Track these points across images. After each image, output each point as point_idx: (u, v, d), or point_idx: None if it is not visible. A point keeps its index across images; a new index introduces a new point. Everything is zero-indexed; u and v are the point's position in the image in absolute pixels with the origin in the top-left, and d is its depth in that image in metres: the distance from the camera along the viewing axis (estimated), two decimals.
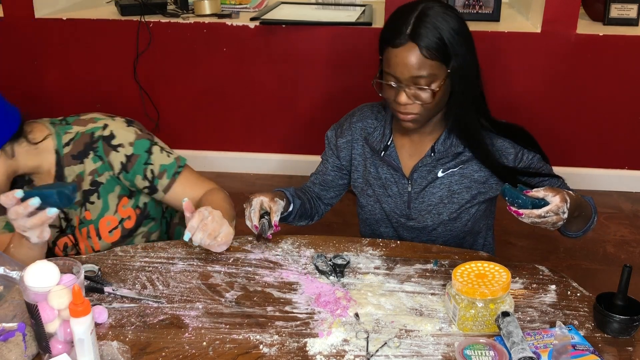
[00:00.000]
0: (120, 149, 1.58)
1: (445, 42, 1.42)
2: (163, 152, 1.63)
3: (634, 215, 3.21)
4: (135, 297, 1.36)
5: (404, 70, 1.43)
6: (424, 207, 1.62)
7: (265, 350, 1.22)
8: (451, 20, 1.45)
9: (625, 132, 3.34)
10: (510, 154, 1.56)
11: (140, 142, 1.60)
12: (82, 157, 1.58)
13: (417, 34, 1.41)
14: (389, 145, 1.64)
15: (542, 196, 1.32)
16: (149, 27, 3.30)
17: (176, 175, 1.63)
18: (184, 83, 3.44)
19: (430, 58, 1.41)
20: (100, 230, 1.63)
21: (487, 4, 3.29)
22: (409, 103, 1.47)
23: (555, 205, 1.31)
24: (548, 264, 1.65)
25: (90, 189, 1.60)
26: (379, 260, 1.50)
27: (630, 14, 3.26)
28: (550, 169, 1.61)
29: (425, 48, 1.41)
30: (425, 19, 1.43)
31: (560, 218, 1.32)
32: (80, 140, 1.58)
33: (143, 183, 1.61)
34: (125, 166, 1.59)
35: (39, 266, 1.15)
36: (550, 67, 3.21)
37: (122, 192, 1.64)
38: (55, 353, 1.16)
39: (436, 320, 1.30)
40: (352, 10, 3.44)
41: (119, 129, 1.60)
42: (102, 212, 1.62)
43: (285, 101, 3.45)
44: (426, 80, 1.43)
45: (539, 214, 1.31)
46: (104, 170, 1.59)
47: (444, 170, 1.59)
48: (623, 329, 1.24)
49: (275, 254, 1.52)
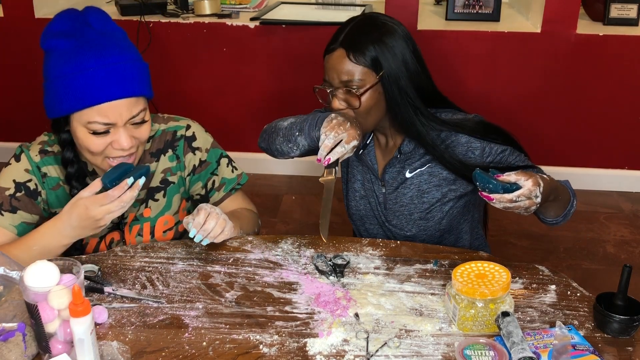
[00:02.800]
0: (198, 152, 1.64)
1: (374, 50, 1.46)
2: (229, 166, 1.69)
3: (634, 215, 3.21)
4: (135, 297, 1.36)
5: (333, 74, 1.50)
6: (397, 207, 1.64)
7: (265, 350, 1.22)
8: (384, 29, 1.49)
9: (625, 132, 3.34)
10: (476, 148, 1.53)
11: (214, 151, 1.67)
12: (159, 154, 1.61)
13: (348, 41, 1.48)
14: (367, 144, 1.65)
15: (513, 180, 1.30)
16: (149, 27, 3.30)
17: (233, 191, 1.68)
18: (184, 83, 3.44)
19: (358, 63, 1.47)
20: (156, 228, 1.63)
21: (487, 4, 3.29)
22: (341, 108, 1.51)
23: (527, 189, 1.29)
24: (548, 264, 1.65)
25: (158, 186, 1.62)
26: (379, 260, 1.50)
27: (630, 14, 3.26)
28: (525, 159, 1.56)
29: (353, 53, 1.47)
30: (359, 27, 1.50)
31: (533, 202, 1.31)
32: (161, 138, 1.62)
33: (199, 191, 1.66)
34: (195, 170, 1.64)
35: (38, 266, 1.15)
36: (550, 67, 3.21)
37: (184, 195, 1.67)
38: (55, 353, 1.16)
39: (436, 320, 1.30)
40: (352, 10, 3.44)
41: (199, 132, 1.65)
42: (162, 211, 1.63)
43: (285, 101, 3.45)
44: (354, 85, 1.48)
45: (510, 199, 1.29)
46: (177, 170, 1.63)
47: (411, 170, 1.60)
48: (623, 329, 1.24)
49: (275, 254, 1.52)
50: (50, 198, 1.54)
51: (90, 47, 1.39)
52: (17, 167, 1.52)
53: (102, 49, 1.39)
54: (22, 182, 1.51)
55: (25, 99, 3.47)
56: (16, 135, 3.39)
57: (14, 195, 1.50)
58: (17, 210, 1.49)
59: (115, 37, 1.44)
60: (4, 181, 1.51)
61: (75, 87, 1.38)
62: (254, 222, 1.70)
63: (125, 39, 1.46)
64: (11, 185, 1.50)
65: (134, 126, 1.45)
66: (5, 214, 1.48)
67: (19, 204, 1.50)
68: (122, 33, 1.47)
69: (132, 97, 1.41)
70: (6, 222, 1.48)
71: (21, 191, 1.50)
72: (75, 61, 1.38)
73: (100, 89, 1.37)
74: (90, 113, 1.39)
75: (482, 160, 1.53)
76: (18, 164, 1.53)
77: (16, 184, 1.51)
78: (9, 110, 3.55)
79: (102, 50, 1.39)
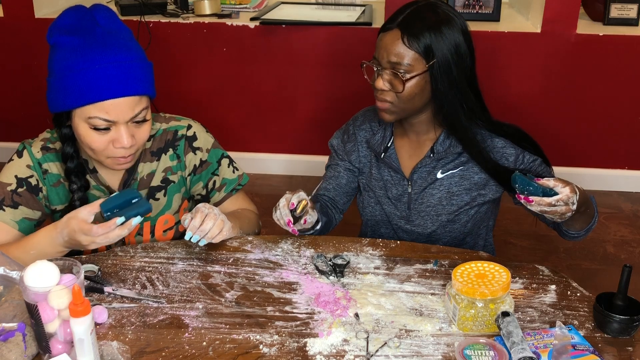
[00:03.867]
0: (198, 152, 1.64)
1: (429, 37, 1.45)
2: (230, 167, 1.69)
3: (634, 215, 3.21)
4: (135, 297, 1.36)
5: (384, 53, 1.48)
6: (423, 208, 1.62)
7: (265, 350, 1.22)
8: (445, 20, 1.47)
9: (625, 132, 3.34)
10: (511, 155, 1.56)
11: (215, 151, 1.67)
12: (160, 153, 1.62)
13: (405, 23, 1.46)
14: (389, 147, 1.64)
15: (552, 186, 1.32)
16: (149, 27, 3.30)
17: (234, 192, 1.68)
18: (183, 83, 3.44)
19: (410, 48, 1.45)
20: (157, 227, 1.64)
21: (487, 4, 3.29)
22: (384, 89, 1.50)
23: (565, 195, 1.31)
24: (548, 264, 1.65)
25: (159, 185, 1.62)
26: (379, 260, 1.50)
27: (630, 14, 3.26)
28: (551, 173, 1.60)
29: (408, 37, 1.45)
30: (419, 12, 1.48)
31: (569, 209, 1.32)
32: (162, 137, 1.62)
33: (200, 191, 1.67)
34: (196, 170, 1.64)
35: (38, 266, 1.15)
36: (550, 67, 3.21)
37: (185, 195, 1.67)
38: (55, 353, 1.16)
39: (436, 320, 1.30)
40: (352, 10, 3.44)
41: (200, 132, 1.66)
42: (162, 210, 1.64)
43: (285, 101, 3.45)
44: (402, 69, 1.46)
45: (549, 202, 1.31)
46: (178, 169, 1.64)
47: (443, 171, 1.59)
48: (623, 329, 1.24)
49: (275, 254, 1.52)
50: (50, 195, 1.55)
51: (96, 45, 1.39)
52: (19, 163, 1.53)
53: (108, 47, 1.40)
54: (23, 177, 1.52)
55: (25, 99, 3.47)
56: (16, 135, 3.39)
57: (16, 190, 1.50)
58: (18, 206, 1.50)
59: (122, 35, 1.44)
60: (6, 177, 1.52)
61: (78, 83, 1.38)
62: (255, 223, 1.70)
63: (131, 39, 1.47)
64: (13, 181, 1.51)
65: (135, 125, 1.45)
66: (7, 209, 1.49)
67: (21, 200, 1.50)
68: (128, 32, 1.48)
69: (135, 96, 1.42)
70: (7, 218, 1.49)
71: (23, 187, 1.51)
72: (80, 57, 1.38)
73: (103, 86, 1.38)
74: (93, 110, 1.39)
75: (514, 167, 1.55)
76: (20, 160, 1.53)
77: (18, 179, 1.51)
78: (9, 110, 3.55)
79: (108, 48, 1.40)
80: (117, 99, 1.39)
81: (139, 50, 1.46)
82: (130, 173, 1.59)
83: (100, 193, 1.58)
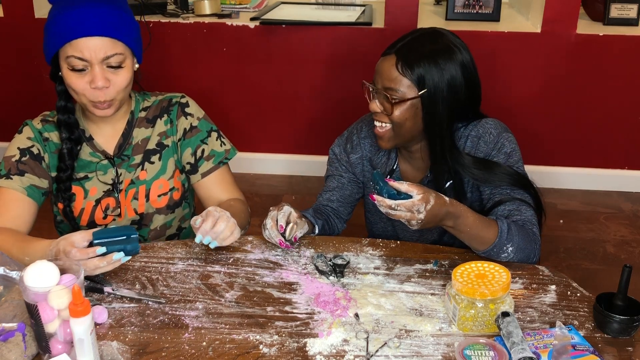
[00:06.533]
0: (189, 117, 1.70)
1: (423, 68, 1.46)
2: (219, 140, 1.73)
3: (634, 215, 3.21)
4: (135, 297, 1.36)
5: (379, 78, 1.51)
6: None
7: (265, 350, 1.22)
8: (443, 52, 1.47)
9: (625, 132, 3.34)
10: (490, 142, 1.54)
11: (205, 122, 1.73)
12: (155, 119, 1.68)
13: (403, 50, 1.48)
14: (394, 170, 1.66)
15: (404, 189, 1.32)
16: (149, 27, 3.30)
17: (220, 164, 1.71)
18: (183, 83, 3.43)
19: (404, 75, 1.47)
20: (151, 191, 1.67)
21: (487, 4, 3.29)
22: (377, 111, 1.52)
23: (410, 202, 1.31)
24: (548, 264, 1.65)
25: (154, 149, 1.68)
26: (379, 261, 1.50)
27: (630, 14, 3.26)
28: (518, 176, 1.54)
29: (402, 64, 1.47)
30: (419, 40, 1.49)
31: (414, 217, 1.32)
32: (157, 106, 1.70)
33: (189, 159, 1.70)
34: (186, 134, 1.69)
35: (38, 266, 1.15)
36: (550, 67, 3.21)
37: (177, 164, 1.71)
38: (55, 353, 1.16)
39: (436, 320, 1.30)
40: (352, 10, 3.44)
41: (193, 103, 1.74)
42: (158, 174, 1.68)
43: (285, 101, 3.44)
44: (395, 95, 1.48)
45: (389, 205, 1.31)
46: (171, 134, 1.70)
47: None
48: (623, 329, 1.24)
49: (275, 254, 1.52)
50: (51, 162, 1.62)
51: None
52: (20, 137, 1.63)
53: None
54: (25, 147, 1.60)
55: (25, 99, 3.47)
56: None
57: (20, 160, 1.59)
58: (24, 173, 1.58)
59: None
60: (10, 151, 1.61)
61: (59, 25, 1.48)
62: (246, 215, 1.70)
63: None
64: (16, 152, 1.60)
65: (111, 70, 1.51)
66: (15, 177, 1.57)
67: (26, 167, 1.58)
68: None
69: (107, 38, 1.49)
70: (15, 184, 1.56)
71: (26, 155, 1.60)
72: (64, 5, 1.49)
73: (77, 26, 1.47)
74: (69, 49, 1.48)
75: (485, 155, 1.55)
76: (21, 135, 1.63)
77: (20, 150, 1.60)
78: (8, 111, 3.55)
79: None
80: (90, 38, 1.47)
81: (123, 5, 1.55)
82: (125, 138, 1.65)
83: (97, 160, 1.63)
